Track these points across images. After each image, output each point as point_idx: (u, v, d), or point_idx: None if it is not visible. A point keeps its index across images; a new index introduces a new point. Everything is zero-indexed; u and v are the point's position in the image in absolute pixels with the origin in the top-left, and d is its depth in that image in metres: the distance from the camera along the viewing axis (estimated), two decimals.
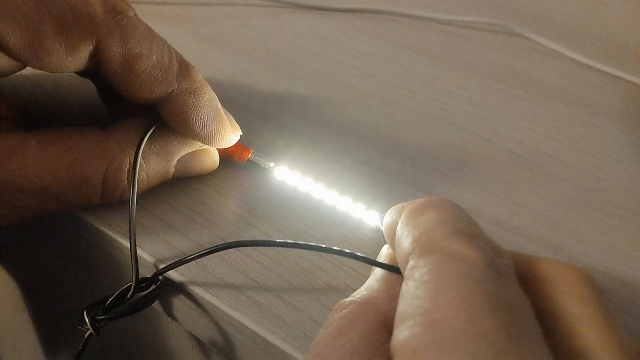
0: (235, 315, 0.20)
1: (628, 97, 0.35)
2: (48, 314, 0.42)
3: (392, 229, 0.18)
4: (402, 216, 0.17)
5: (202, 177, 0.25)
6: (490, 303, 0.13)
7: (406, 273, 0.16)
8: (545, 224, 0.25)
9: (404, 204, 0.18)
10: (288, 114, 0.30)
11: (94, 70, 0.22)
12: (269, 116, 0.30)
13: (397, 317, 0.14)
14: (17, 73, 0.24)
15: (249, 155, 0.26)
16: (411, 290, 0.14)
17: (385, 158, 0.28)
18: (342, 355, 0.15)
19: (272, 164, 0.26)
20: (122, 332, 0.36)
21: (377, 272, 0.19)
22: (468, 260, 0.15)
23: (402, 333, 0.14)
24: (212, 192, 0.25)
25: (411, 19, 0.42)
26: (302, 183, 0.25)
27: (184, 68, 0.22)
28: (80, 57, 0.20)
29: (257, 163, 0.26)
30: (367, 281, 0.19)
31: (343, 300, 0.18)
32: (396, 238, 0.17)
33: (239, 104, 0.31)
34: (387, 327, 0.16)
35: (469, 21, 0.42)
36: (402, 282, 0.16)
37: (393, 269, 0.18)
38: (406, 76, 0.35)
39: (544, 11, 0.46)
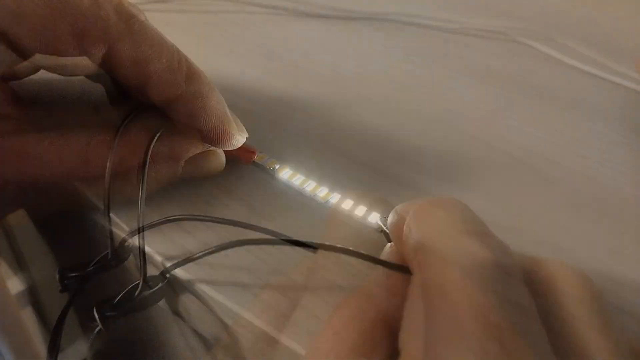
0: (241, 312, 0.21)
1: (627, 103, 0.36)
2: (51, 312, 0.43)
3: (399, 226, 0.18)
4: (411, 214, 0.17)
5: (208, 178, 0.26)
6: (498, 302, 0.13)
7: (414, 269, 0.16)
8: (544, 226, 0.26)
9: (411, 202, 0.18)
10: (292, 118, 0.31)
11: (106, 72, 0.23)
12: (273, 120, 0.31)
13: (405, 312, 0.15)
14: (29, 77, 0.24)
15: (254, 157, 0.26)
16: (418, 287, 0.15)
17: (388, 160, 0.29)
18: (340, 350, 0.15)
19: (276, 166, 0.26)
20: (125, 340, 0.36)
21: (379, 270, 0.19)
22: (477, 258, 0.15)
23: (410, 328, 0.14)
24: (218, 193, 0.26)
25: (413, 26, 0.43)
26: (306, 185, 0.26)
27: (193, 72, 0.23)
28: (93, 60, 0.21)
29: (262, 165, 0.26)
30: (368, 279, 0.19)
31: (344, 297, 0.18)
32: (404, 235, 0.17)
33: (244, 108, 0.31)
34: (386, 323, 0.16)
35: (469, 28, 0.43)
36: (403, 280, 0.17)
37: (398, 268, 0.19)
38: (408, 81, 0.36)
39: (544, 19, 0.46)
